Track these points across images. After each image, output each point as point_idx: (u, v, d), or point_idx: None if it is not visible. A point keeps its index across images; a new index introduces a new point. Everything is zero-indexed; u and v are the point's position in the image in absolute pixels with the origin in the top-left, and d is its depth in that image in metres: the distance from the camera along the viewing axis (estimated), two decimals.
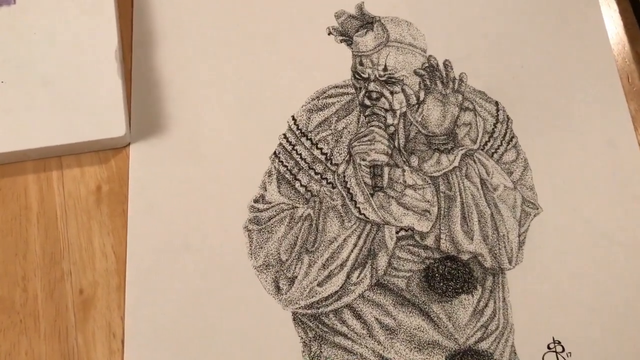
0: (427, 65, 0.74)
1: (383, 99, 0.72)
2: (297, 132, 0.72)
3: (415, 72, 0.74)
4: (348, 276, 0.67)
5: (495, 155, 0.73)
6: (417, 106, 0.72)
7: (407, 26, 0.76)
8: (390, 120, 0.72)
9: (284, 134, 0.73)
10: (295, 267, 0.67)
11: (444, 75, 0.74)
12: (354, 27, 0.75)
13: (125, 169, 0.71)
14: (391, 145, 0.71)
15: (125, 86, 0.73)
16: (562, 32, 0.80)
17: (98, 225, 0.69)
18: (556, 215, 0.72)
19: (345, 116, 0.73)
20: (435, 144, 0.72)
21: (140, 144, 0.72)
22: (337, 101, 0.74)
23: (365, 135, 0.71)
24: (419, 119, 0.72)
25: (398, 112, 0.72)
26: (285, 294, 0.66)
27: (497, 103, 0.75)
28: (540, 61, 0.78)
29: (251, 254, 0.68)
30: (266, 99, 0.74)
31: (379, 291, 0.67)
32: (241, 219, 0.69)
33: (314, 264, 0.68)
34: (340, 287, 0.67)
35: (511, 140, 0.73)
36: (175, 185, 0.70)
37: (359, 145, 0.71)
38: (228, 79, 0.75)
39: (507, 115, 0.75)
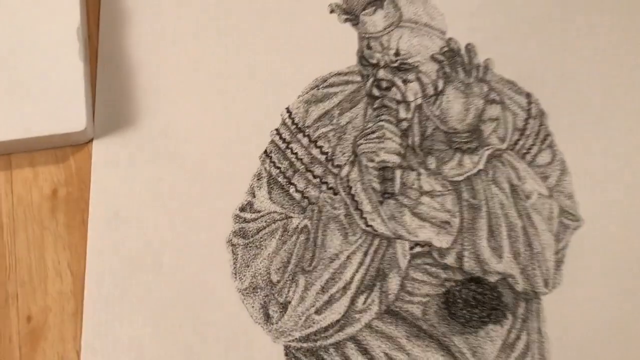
0: (446, 49, 0.68)
1: (394, 89, 0.66)
2: (292, 127, 0.67)
3: (433, 58, 0.67)
4: (352, 302, 0.61)
5: (527, 157, 0.67)
6: (434, 98, 0.66)
7: (423, 4, 0.70)
8: (403, 114, 0.66)
9: (277, 130, 0.67)
10: (288, 291, 0.62)
11: (467, 61, 0.67)
12: (360, 4, 0.69)
13: (87, 169, 0.65)
14: (404, 144, 0.65)
15: (90, 71, 0.69)
16: (608, 9, 0.73)
17: (52, 237, 0.64)
18: (600, 228, 0.65)
19: (350, 109, 0.67)
20: (456, 142, 0.66)
21: (105, 141, 0.67)
22: (340, 91, 0.68)
23: (373, 132, 0.65)
24: (437, 113, 0.66)
25: (412, 105, 0.66)
26: (277, 323, 0.61)
27: (528, 95, 0.69)
28: (582, 45, 0.72)
29: (235, 274, 0.63)
30: (255, 88, 0.69)
31: (389, 320, 0.62)
32: (224, 231, 0.64)
33: (311, 287, 0.62)
34: (343, 315, 0.61)
35: (546, 138, 0.68)
36: (145, 190, 0.65)
37: (366, 144, 0.65)
38: (210, 64, 0.70)
39: (541, 109, 0.69)
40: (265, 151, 0.67)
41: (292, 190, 0.65)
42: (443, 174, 0.65)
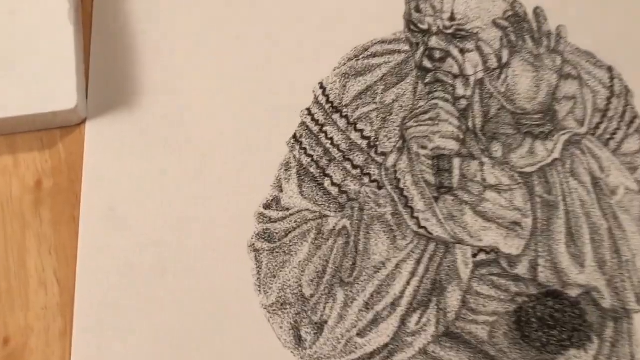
0: (510, 13, 0.65)
1: (450, 61, 0.63)
2: (326, 107, 0.63)
3: (495, 24, 0.64)
4: (403, 322, 0.57)
5: (611, 143, 0.63)
6: (498, 71, 0.63)
7: None
8: (461, 91, 0.62)
9: (308, 109, 0.64)
10: (324, 307, 0.58)
11: (535, 28, 0.64)
12: None
13: (78, 156, 0.61)
14: (463, 127, 0.61)
15: (82, 39, 0.65)
16: None
17: (36, 238, 0.59)
18: None
19: (397, 84, 0.64)
20: (526, 125, 0.62)
21: (101, 122, 0.63)
22: (385, 62, 0.64)
23: (425, 112, 0.61)
24: (503, 90, 0.63)
25: (472, 79, 0.63)
26: (310, 347, 0.57)
27: (610, 69, 0.65)
28: None
29: (259, 286, 0.58)
30: (281, 58, 0.65)
31: (449, 344, 0.58)
32: (245, 234, 0.60)
33: (352, 303, 0.57)
34: (392, 339, 0.57)
35: (633, 121, 0.64)
36: (148, 182, 0.61)
37: (416, 127, 0.61)
38: (226, 30, 0.66)
39: (627, 87, 0.65)
40: (295, 136, 0.63)
41: (327, 183, 0.61)
42: (511, 163, 0.61)
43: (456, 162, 0.60)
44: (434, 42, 0.63)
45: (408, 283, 0.58)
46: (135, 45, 0.65)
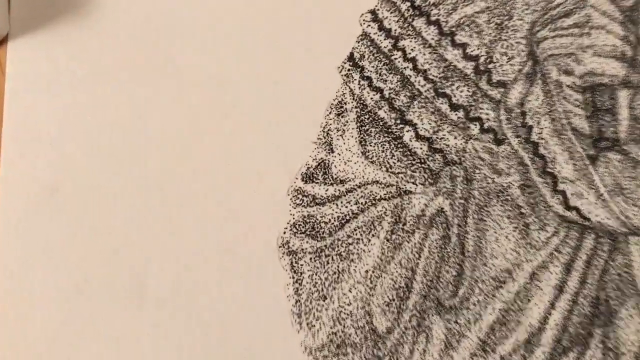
0: None
1: None
2: (403, 7, 0.46)
3: None
4: None
5: None
6: None
7: None
8: None
9: (373, 12, 0.46)
10: (412, 350, 0.40)
11: None
12: None
13: None
14: (631, 38, 0.44)
15: None
16: None
17: None
18: None
19: None
20: None
21: (30, 41, 0.47)
22: None
23: (568, 14, 0.45)
24: None
25: None
26: None
27: None
28: None
29: (299, 316, 0.41)
30: None
31: None
32: (273, 225, 0.42)
33: (459, 342, 0.40)
34: None
35: None
36: (113, 141, 0.44)
37: (555, 38, 0.45)
38: None
39: None
40: (351, 57, 0.46)
41: (408, 136, 0.42)
42: None
43: (622, 96, 0.42)
44: None
45: (552, 305, 0.39)
46: None
